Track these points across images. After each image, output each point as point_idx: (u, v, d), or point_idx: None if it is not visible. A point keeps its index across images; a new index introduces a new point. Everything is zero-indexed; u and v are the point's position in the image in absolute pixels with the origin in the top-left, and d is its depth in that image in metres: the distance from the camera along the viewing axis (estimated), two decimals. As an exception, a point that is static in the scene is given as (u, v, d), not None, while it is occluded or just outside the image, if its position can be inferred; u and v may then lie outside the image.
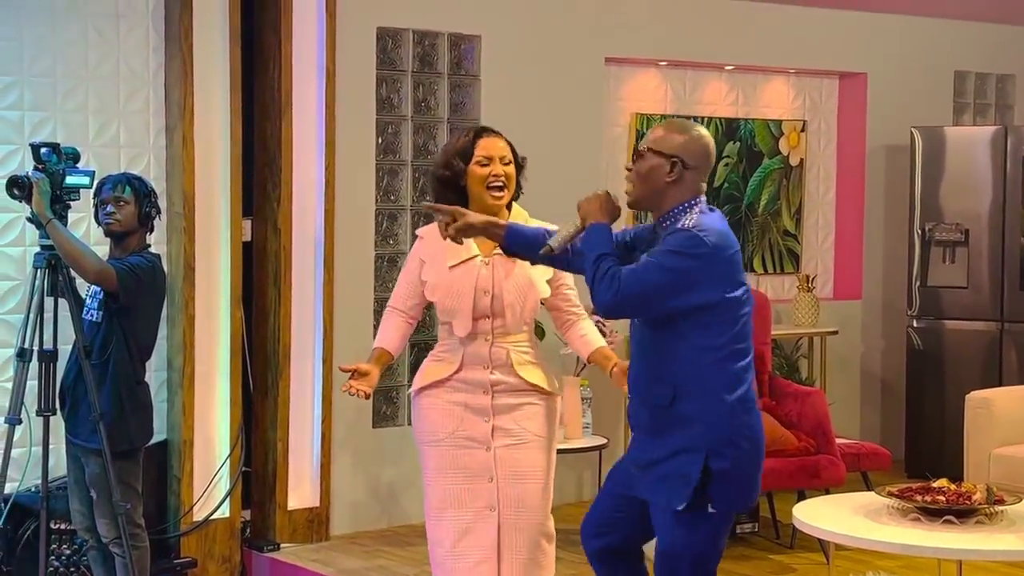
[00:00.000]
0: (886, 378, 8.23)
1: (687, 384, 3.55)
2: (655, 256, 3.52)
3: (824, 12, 7.83)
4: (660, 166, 3.60)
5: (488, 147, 4.17)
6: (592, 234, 3.62)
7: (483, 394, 4.17)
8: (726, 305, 3.54)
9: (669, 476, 3.56)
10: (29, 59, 5.61)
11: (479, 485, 4.15)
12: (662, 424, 3.59)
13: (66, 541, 5.35)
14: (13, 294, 5.58)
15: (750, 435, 3.60)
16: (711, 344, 3.53)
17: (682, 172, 3.59)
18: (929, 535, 4.46)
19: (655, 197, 3.63)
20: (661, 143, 3.62)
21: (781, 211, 8.00)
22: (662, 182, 3.60)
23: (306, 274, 6.15)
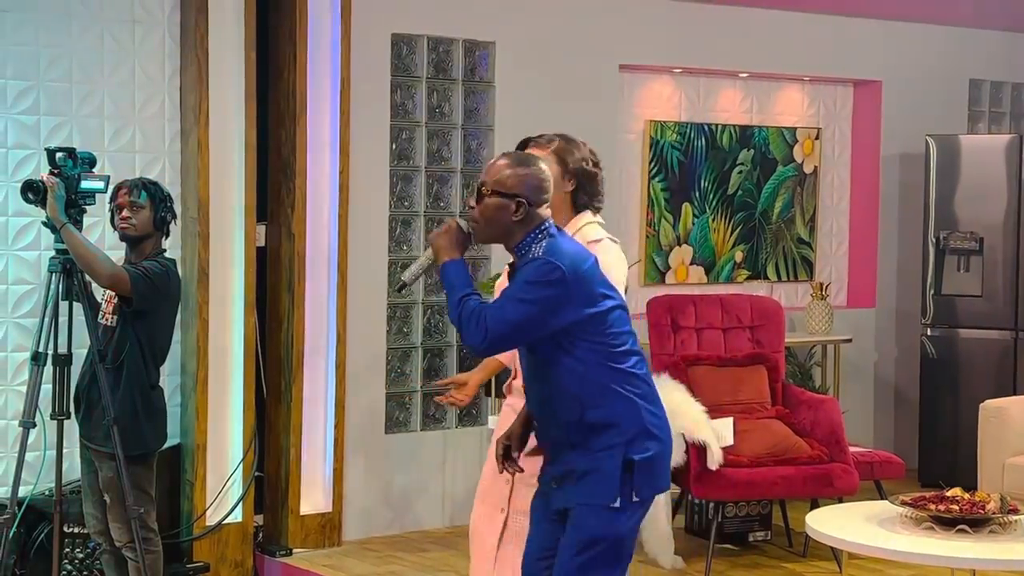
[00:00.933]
0: (900, 386, 8.21)
1: (589, 393, 3.59)
2: (513, 290, 3.54)
3: (839, 20, 7.82)
4: (505, 207, 3.59)
5: None
6: (447, 273, 3.61)
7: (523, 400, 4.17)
8: (593, 319, 3.57)
9: (590, 475, 3.59)
10: (45, 64, 5.64)
11: (499, 484, 4.19)
12: (578, 436, 3.62)
13: (79, 545, 5.37)
14: (28, 298, 5.60)
15: (659, 423, 3.67)
16: (595, 354, 3.58)
17: (527, 210, 3.59)
18: (942, 544, 4.46)
19: (503, 235, 3.63)
20: (503, 184, 3.59)
21: (795, 219, 8.00)
22: (509, 221, 3.59)
23: (320, 279, 6.16)
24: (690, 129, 7.58)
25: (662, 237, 7.53)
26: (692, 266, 7.64)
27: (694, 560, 6.04)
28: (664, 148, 7.50)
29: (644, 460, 3.60)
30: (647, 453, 3.60)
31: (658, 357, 6.33)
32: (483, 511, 4.22)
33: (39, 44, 5.62)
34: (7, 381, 5.59)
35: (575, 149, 4.12)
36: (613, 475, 3.57)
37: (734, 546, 6.34)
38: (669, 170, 7.53)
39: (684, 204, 7.60)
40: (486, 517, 4.20)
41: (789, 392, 6.47)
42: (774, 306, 6.74)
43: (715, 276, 7.73)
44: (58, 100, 5.66)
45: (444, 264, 3.62)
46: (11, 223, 5.57)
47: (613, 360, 3.60)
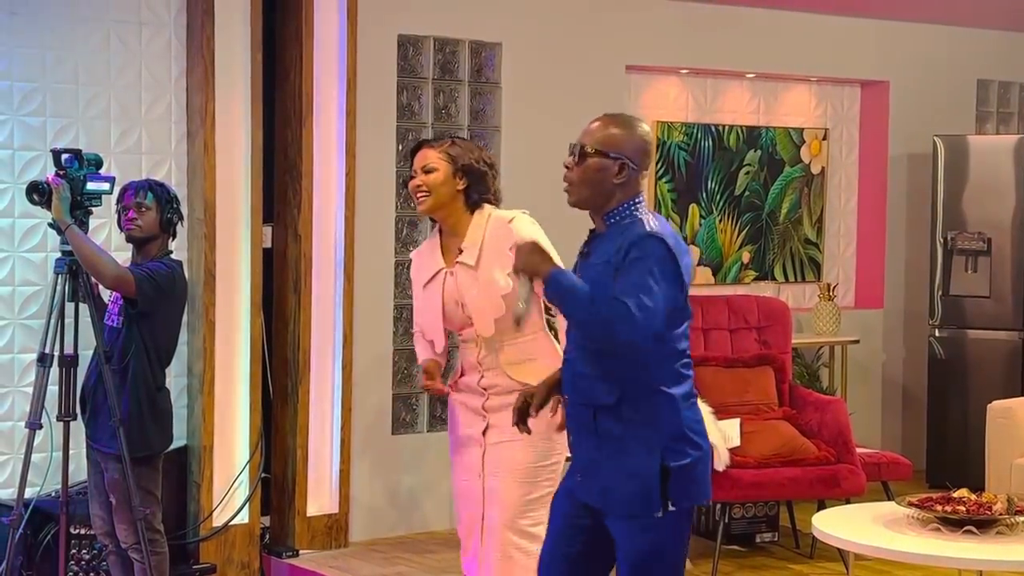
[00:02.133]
0: (908, 387, 8.20)
1: (634, 382, 3.42)
2: (643, 271, 3.35)
3: (846, 20, 7.81)
4: (607, 167, 3.45)
5: (415, 162, 4.28)
6: (559, 282, 3.40)
7: (479, 396, 4.25)
8: (677, 311, 3.44)
9: (624, 481, 3.43)
10: (51, 66, 5.64)
11: (474, 483, 4.26)
12: (604, 424, 3.45)
13: (86, 546, 5.37)
14: (35, 299, 5.61)
15: (699, 429, 3.50)
16: (661, 344, 3.41)
17: (630, 173, 3.46)
18: (949, 545, 4.44)
19: (600, 198, 3.48)
20: (607, 143, 3.46)
21: (802, 219, 7.98)
22: (610, 184, 3.46)
23: (326, 281, 6.16)
24: (697, 130, 7.57)
25: (669, 238, 7.51)
26: (699, 267, 7.63)
27: (701, 561, 6.04)
28: (671, 149, 7.49)
29: (680, 467, 3.42)
30: (684, 460, 3.43)
31: (665, 358, 6.32)
32: (467, 513, 4.29)
33: (45, 46, 5.62)
34: (14, 382, 5.60)
35: (468, 150, 4.25)
36: (649, 484, 3.40)
37: (741, 547, 6.33)
38: (676, 171, 7.52)
39: (691, 205, 7.59)
40: (471, 519, 4.28)
41: (796, 393, 6.47)
42: (781, 307, 6.73)
43: (722, 277, 7.72)
44: (64, 102, 5.67)
45: (549, 278, 3.41)
46: (18, 224, 5.58)
47: (670, 355, 3.44)
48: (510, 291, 4.14)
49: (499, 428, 4.18)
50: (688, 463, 3.44)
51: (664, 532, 3.45)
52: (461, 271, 4.22)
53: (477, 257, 4.18)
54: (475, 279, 4.19)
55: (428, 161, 4.22)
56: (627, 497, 3.44)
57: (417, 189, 4.23)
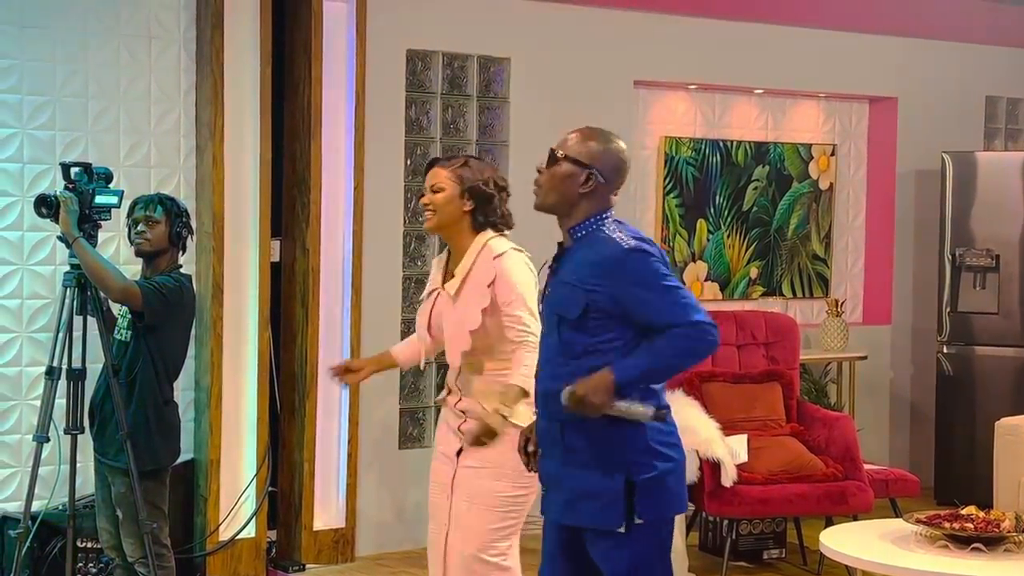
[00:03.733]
0: (916, 404, 8.18)
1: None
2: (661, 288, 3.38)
3: (855, 36, 7.81)
4: (575, 175, 3.49)
5: (427, 178, 4.29)
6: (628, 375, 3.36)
7: (455, 418, 4.25)
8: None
9: (585, 496, 3.44)
10: (61, 79, 5.66)
11: (442, 499, 4.26)
12: (571, 438, 3.45)
13: (92, 560, 5.37)
14: (43, 312, 5.61)
15: (670, 441, 3.49)
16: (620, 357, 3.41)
17: (596, 184, 3.48)
18: (957, 563, 4.43)
19: (564, 206, 3.51)
20: (579, 152, 3.50)
21: (810, 235, 7.98)
22: (575, 192, 3.48)
23: (334, 295, 6.17)
24: (705, 145, 7.58)
25: (677, 253, 7.51)
26: (707, 282, 7.62)
27: (708, 577, 6.03)
28: (679, 164, 7.49)
29: (647, 480, 3.42)
30: (651, 473, 3.43)
31: (672, 373, 6.31)
32: (433, 527, 4.30)
33: (55, 59, 5.64)
34: (22, 395, 5.60)
35: (479, 171, 4.25)
36: (615, 498, 3.40)
37: (748, 563, 6.32)
38: (684, 186, 7.52)
39: (699, 220, 7.59)
40: (436, 533, 4.28)
41: (804, 409, 6.45)
42: (789, 323, 6.73)
43: (730, 292, 7.71)
44: (74, 115, 5.68)
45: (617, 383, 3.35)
46: (27, 238, 5.59)
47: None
48: (478, 327, 4.14)
49: (471, 453, 4.16)
50: (655, 475, 3.43)
51: (640, 546, 3.44)
52: (443, 298, 4.25)
53: (458, 288, 4.19)
54: (452, 310, 4.21)
55: (437, 180, 4.24)
56: (589, 512, 3.45)
57: (424, 207, 4.26)
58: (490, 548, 4.16)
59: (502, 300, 4.13)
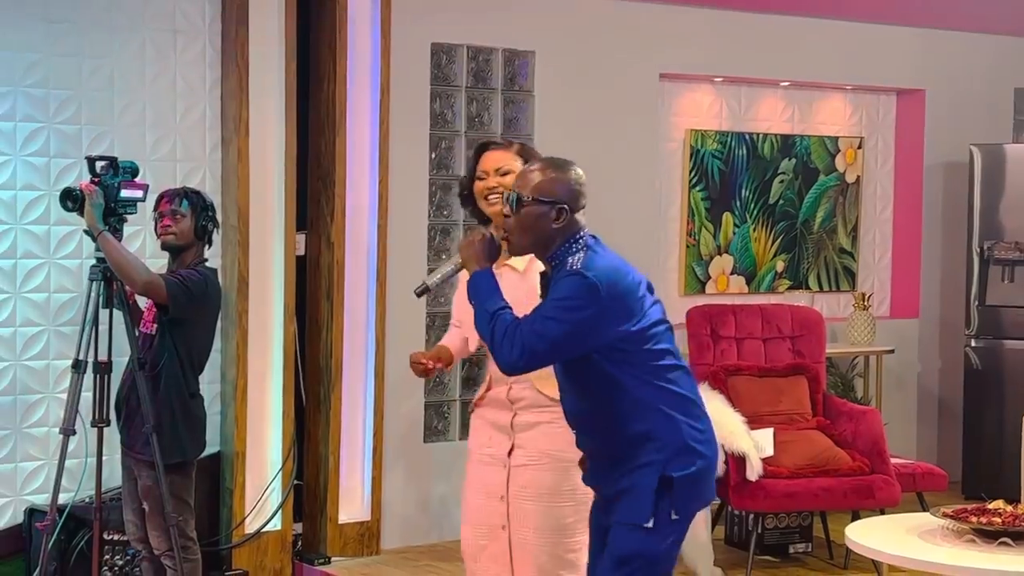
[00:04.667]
0: (943, 398, 8.14)
1: (626, 408, 3.49)
2: (550, 307, 3.42)
3: (882, 28, 7.77)
4: (545, 214, 3.49)
5: (484, 163, 4.15)
6: (477, 285, 3.51)
7: (506, 411, 4.11)
8: (632, 335, 3.47)
9: (625, 493, 3.50)
10: (87, 74, 5.68)
11: (494, 503, 4.10)
12: (616, 450, 3.53)
13: (119, 552, 5.39)
14: (70, 306, 5.64)
15: (703, 438, 3.54)
16: (633, 368, 3.48)
17: (568, 216, 3.50)
18: (984, 557, 4.40)
19: (541, 244, 3.53)
20: (542, 190, 3.50)
21: (837, 228, 7.94)
22: (548, 229, 3.50)
23: (359, 288, 6.17)
24: (731, 138, 7.55)
25: (702, 247, 7.49)
26: (733, 276, 7.60)
27: (734, 571, 6.00)
28: (705, 157, 7.47)
29: (685, 477, 3.48)
30: (689, 469, 3.48)
31: (697, 367, 6.30)
32: (476, 532, 4.13)
33: (81, 54, 5.66)
34: (49, 388, 5.63)
35: (535, 153, 4.14)
36: (648, 493, 3.46)
37: (774, 558, 6.30)
38: (710, 179, 7.50)
39: (725, 213, 7.56)
40: (480, 538, 4.11)
41: (830, 403, 6.43)
42: (815, 316, 6.70)
43: (756, 286, 7.69)
44: (100, 109, 5.70)
45: (474, 274, 3.53)
46: (53, 232, 5.62)
47: (652, 375, 3.50)
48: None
49: (525, 449, 4.05)
50: (692, 472, 3.50)
51: (655, 539, 3.49)
52: (507, 274, 4.10)
53: (527, 264, 4.12)
54: (520, 285, 4.10)
55: (505, 163, 4.09)
56: (626, 506, 3.50)
57: (491, 191, 4.09)
58: (560, 544, 4.04)
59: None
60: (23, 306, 5.57)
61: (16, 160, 5.54)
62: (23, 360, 5.58)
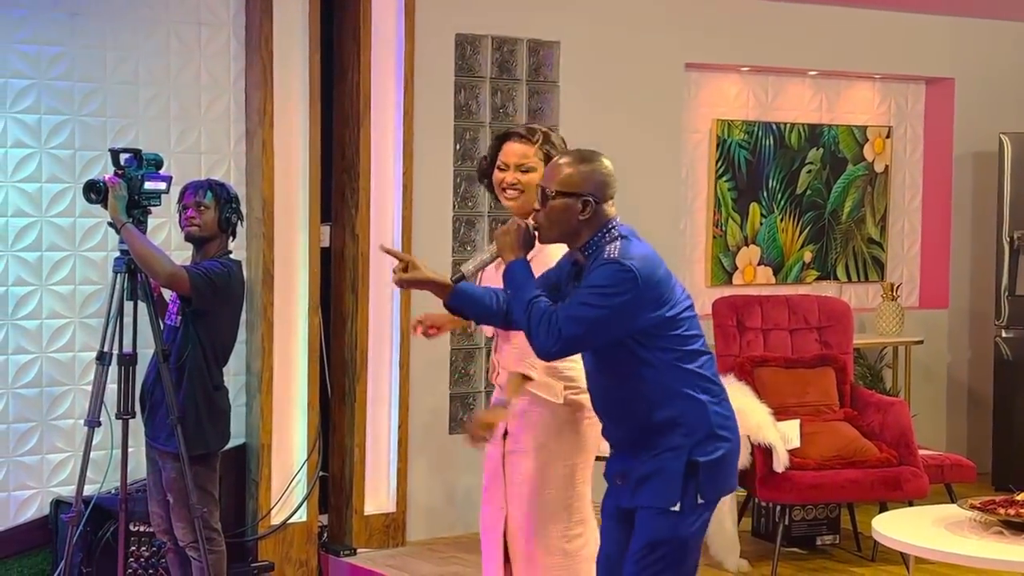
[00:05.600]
0: (973, 389, 8.08)
1: (656, 393, 3.55)
2: (587, 293, 3.48)
3: (911, 16, 7.71)
4: (571, 207, 3.56)
5: (507, 153, 4.15)
6: (514, 274, 3.57)
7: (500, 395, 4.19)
8: (665, 322, 3.54)
9: (653, 477, 3.56)
10: (112, 66, 5.69)
11: (497, 484, 4.19)
12: (643, 436, 3.59)
13: (145, 543, 5.41)
14: (96, 298, 5.65)
15: (727, 424, 3.61)
16: (664, 354, 3.54)
17: (595, 208, 3.56)
18: (1011, 549, 4.37)
19: (570, 236, 3.60)
20: (569, 184, 3.56)
21: (865, 218, 7.89)
22: (575, 221, 3.57)
23: (384, 280, 6.16)
24: (758, 128, 7.51)
25: (729, 237, 7.46)
26: (760, 267, 7.56)
27: (760, 563, 5.98)
28: (731, 147, 7.43)
29: (710, 462, 3.55)
30: (715, 454, 3.56)
31: (724, 358, 6.27)
32: (488, 511, 4.24)
33: (106, 47, 5.67)
34: (75, 380, 5.65)
35: (559, 146, 4.15)
36: (676, 477, 3.54)
37: (801, 550, 6.27)
38: (736, 169, 7.46)
39: (752, 204, 7.52)
40: (490, 517, 4.21)
41: (857, 394, 6.39)
42: (842, 307, 6.66)
43: (783, 276, 7.65)
44: (124, 102, 5.71)
45: (510, 264, 3.60)
46: (78, 224, 5.63)
47: (682, 360, 3.56)
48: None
49: (514, 436, 4.12)
50: (718, 457, 3.57)
51: (685, 523, 3.55)
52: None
53: (531, 257, 4.12)
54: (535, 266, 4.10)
55: (526, 160, 4.10)
56: (654, 490, 3.56)
57: (511, 186, 4.11)
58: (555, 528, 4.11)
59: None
60: (49, 298, 5.59)
61: (41, 153, 5.55)
62: (49, 352, 5.60)
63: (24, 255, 5.54)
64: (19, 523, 5.55)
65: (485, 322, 3.84)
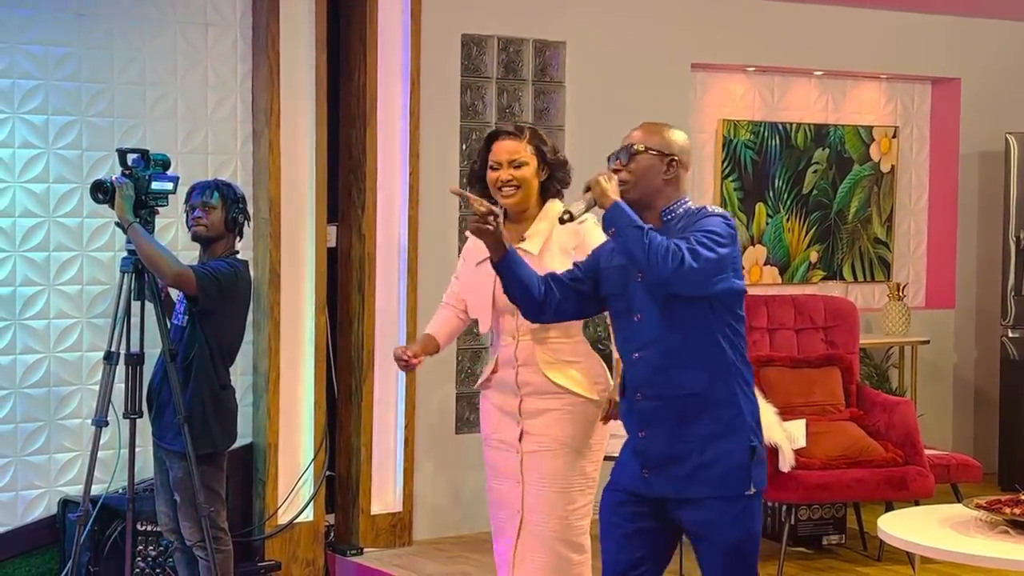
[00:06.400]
0: (979, 388, 8.08)
1: (721, 368, 3.54)
2: (701, 236, 3.47)
3: (917, 16, 7.71)
4: (655, 166, 3.61)
5: (497, 152, 4.19)
6: (622, 211, 3.52)
7: (513, 396, 4.19)
8: (738, 296, 3.59)
9: (715, 463, 3.52)
10: (119, 67, 5.70)
11: (510, 487, 4.19)
12: (690, 413, 3.54)
13: (152, 543, 5.42)
14: (103, 298, 5.67)
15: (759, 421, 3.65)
16: (730, 331, 3.56)
17: (677, 170, 3.63)
18: (1017, 548, 4.36)
19: (651, 196, 3.62)
20: (654, 142, 3.62)
21: (872, 218, 7.89)
22: (659, 181, 3.61)
23: (390, 280, 6.18)
24: (764, 128, 7.51)
25: (735, 237, 7.45)
26: (766, 267, 7.57)
27: (766, 563, 5.98)
28: (737, 147, 7.43)
29: (757, 449, 3.57)
30: (758, 442, 3.58)
31: (730, 358, 6.27)
32: (503, 515, 4.24)
33: (113, 47, 5.69)
34: (82, 380, 5.67)
35: (545, 139, 4.25)
36: (743, 462, 3.53)
37: (807, 549, 6.27)
38: (742, 169, 7.46)
39: (758, 204, 7.53)
40: (506, 521, 4.22)
41: (863, 394, 6.39)
42: (848, 306, 6.66)
43: (790, 277, 7.65)
44: (132, 102, 5.73)
45: (614, 204, 3.53)
46: (86, 224, 5.65)
47: (739, 346, 3.59)
48: None
49: (533, 435, 4.13)
50: (759, 446, 3.59)
51: (751, 515, 3.59)
52: (522, 257, 4.16)
53: (541, 247, 4.14)
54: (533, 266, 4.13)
55: (519, 155, 4.16)
56: (719, 478, 3.53)
57: (506, 183, 4.15)
58: (573, 528, 4.15)
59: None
60: (56, 298, 5.61)
61: (49, 153, 5.57)
62: (57, 352, 5.62)
63: (32, 255, 5.56)
64: (27, 522, 5.57)
65: (518, 296, 3.73)
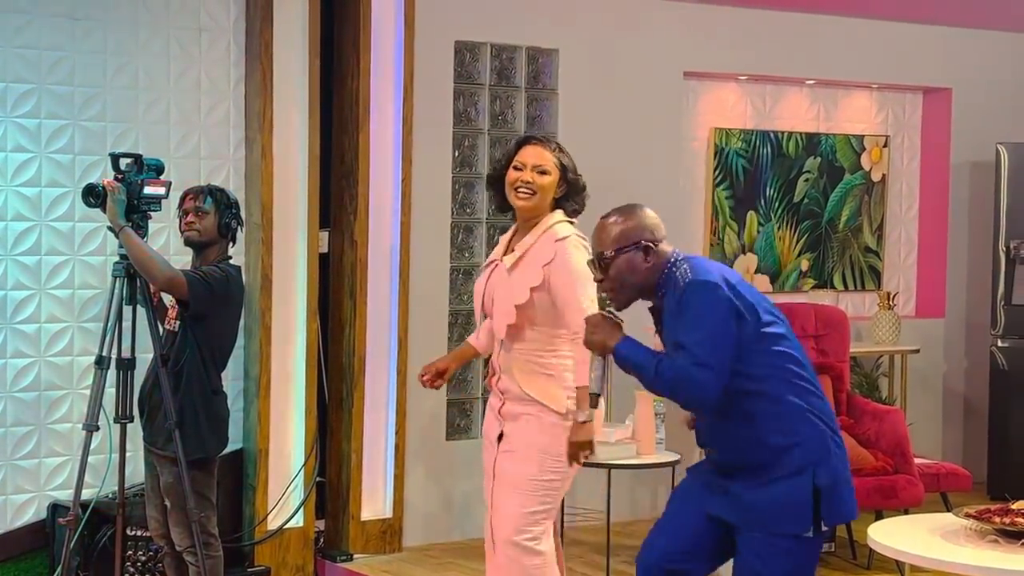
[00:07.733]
0: (969, 398, 8.09)
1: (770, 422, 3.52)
2: (689, 326, 3.44)
3: (908, 26, 7.73)
4: (633, 258, 3.58)
5: (525, 155, 4.31)
6: (626, 357, 3.52)
7: (497, 400, 4.34)
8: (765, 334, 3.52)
9: (775, 501, 3.51)
10: (112, 71, 5.70)
11: (489, 484, 4.36)
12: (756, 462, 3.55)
13: (142, 548, 5.42)
14: (95, 302, 5.67)
15: (840, 444, 3.59)
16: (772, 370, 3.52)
17: (655, 250, 3.59)
18: (1006, 557, 4.37)
19: (642, 288, 3.60)
20: (623, 238, 3.59)
21: (862, 227, 7.91)
22: (642, 269, 3.58)
23: (382, 286, 6.18)
24: (755, 136, 7.53)
25: (727, 246, 7.47)
26: (757, 275, 7.58)
27: (756, 571, 5.98)
28: (729, 156, 7.45)
29: (829, 485, 3.52)
30: (833, 477, 3.53)
31: (721, 366, 6.28)
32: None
33: (106, 52, 5.69)
34: (73, 384, 5.66)
35: (570, 159, 4.34)
36: (805, 501, 3.50)
37: (797, 557, 6.27)
38: (734, 178, 7.48)
39: (749, 212, 7.54)
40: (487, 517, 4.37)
41: (854, 402, 6.40)
42: (838, 315, 6.67)
43: (780, 285, 7.66)
44: (125, 107, 5.73)
45: (615, 349, 3.53)
46: (78, 228, 5.64)
47: (791, 378, 3.54)
48: (525, 302, 4.20)
49: (510, 437, 4.27)
50: (834, 480, 3.54)
51: (803, 554, 3.55)
52: (499, 270, 4.29)
53: (515, 263, 4.25)
54: (504, 282, 4.25)
55: (544, 162, 4.27)
56: (776, 514, 3.52)
57: (525, 185, 4.25)
58: (523, 532, 4.21)
59: (556, 282, 4.17)
60: (47, 302, 5.60)
61: (41, 157, 5.57)
62: (47, 356, 5.61)
63: (23, 259, 5.55)
64: (16, 527, 5.56)
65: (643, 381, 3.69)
